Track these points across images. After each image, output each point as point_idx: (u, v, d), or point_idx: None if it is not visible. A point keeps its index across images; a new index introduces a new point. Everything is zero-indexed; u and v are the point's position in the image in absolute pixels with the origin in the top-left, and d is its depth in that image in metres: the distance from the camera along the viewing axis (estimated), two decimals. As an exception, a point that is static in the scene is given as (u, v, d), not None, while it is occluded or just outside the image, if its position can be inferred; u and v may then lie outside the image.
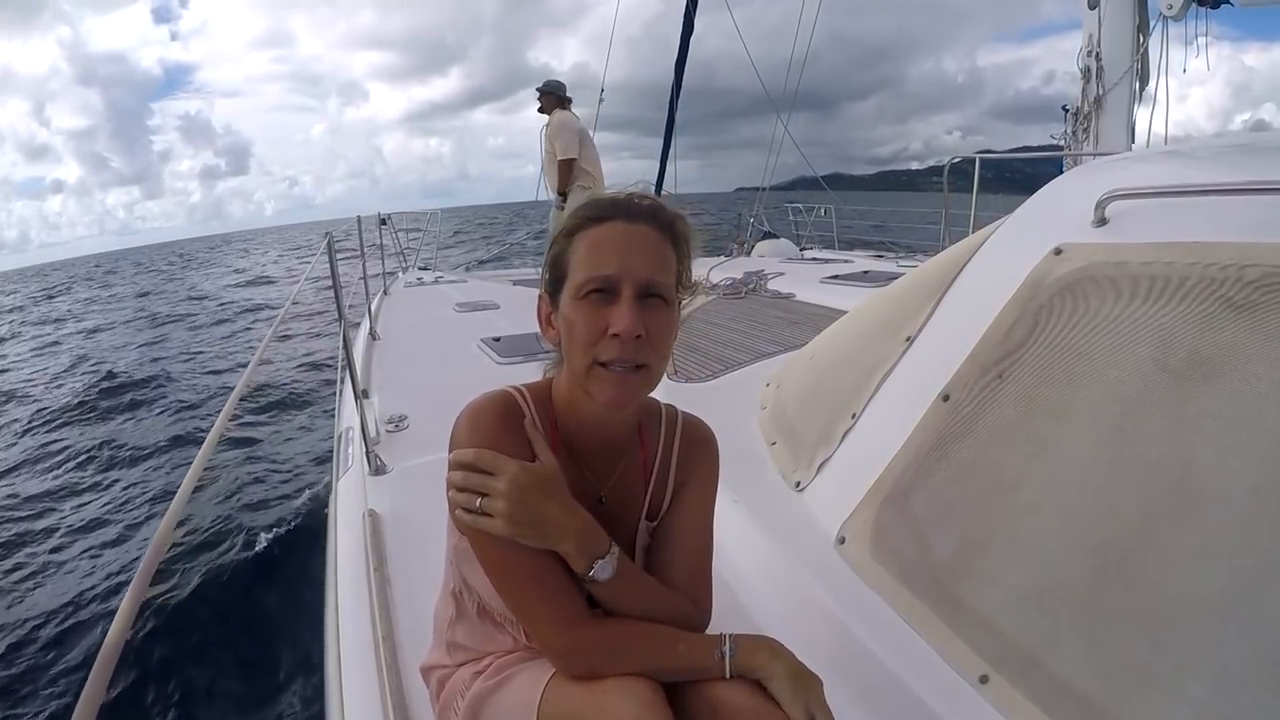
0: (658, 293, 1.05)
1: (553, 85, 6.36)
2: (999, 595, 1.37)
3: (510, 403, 1.14)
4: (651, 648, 1.08)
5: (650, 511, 1.25)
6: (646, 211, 1.08)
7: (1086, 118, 5.31)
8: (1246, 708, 1.02)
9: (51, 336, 15.56)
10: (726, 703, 1.05)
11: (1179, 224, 1.43)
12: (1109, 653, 1.17)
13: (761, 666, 1.05)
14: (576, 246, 1.07)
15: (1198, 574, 1.13)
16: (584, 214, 1.09)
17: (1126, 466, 1.29)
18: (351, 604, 1.84)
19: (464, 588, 1.22)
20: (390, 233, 8.60)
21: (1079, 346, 1.45)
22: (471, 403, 1.13)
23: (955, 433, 1.62)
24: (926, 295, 2.02)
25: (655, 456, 1.26)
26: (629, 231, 1.05)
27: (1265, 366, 1.16)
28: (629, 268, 1.03)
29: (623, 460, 1.22)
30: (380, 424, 3.03)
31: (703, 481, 1.28)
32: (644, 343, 1.03)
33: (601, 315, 1.03)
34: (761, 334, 4.36)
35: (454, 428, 1.11)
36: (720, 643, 1.07)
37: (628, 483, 1.23)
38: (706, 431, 1.31)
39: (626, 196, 1.09)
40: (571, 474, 1.16)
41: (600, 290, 1.03)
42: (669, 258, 1.08)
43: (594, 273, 1.03)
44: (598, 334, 1.03)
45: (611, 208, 1.07)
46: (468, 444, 1.08)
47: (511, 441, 1.09)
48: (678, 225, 1.11)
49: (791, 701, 1.02)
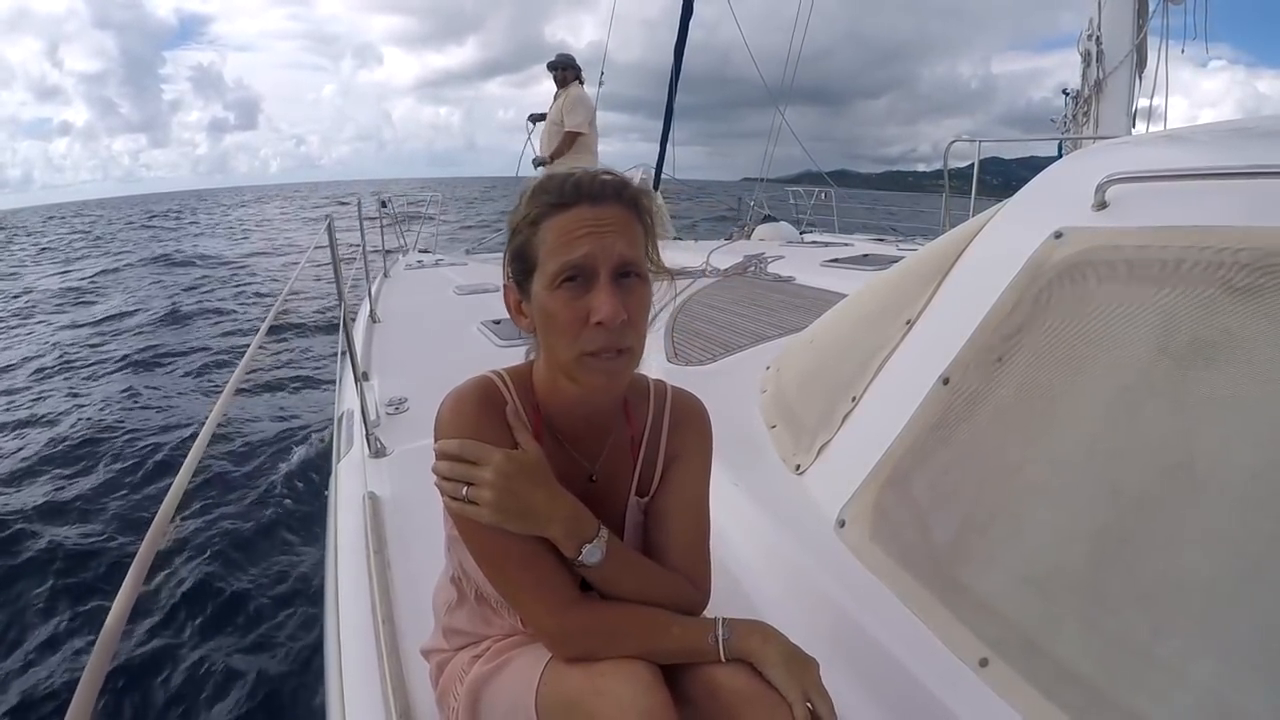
0: (633, 271, 1.04)
1: (570, 60, 6.35)
2: (999, 579, 1.37)
3: (491, 389, 1.14)
4: (644, 631, 1.08)
5: (640, 487, 1.25)
6: (611, 190, 1.06)
7: (1087, 101, 5.29)
8: (1247, 691, 1.03)
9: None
10: (724, 686, 1.05)
11: (1179, 208, 1.42)
12: (1109, 636, 1.18)
13: (755, 650, 1.06)
14: (543, 234, 1.05)
15: (1198, 557, 1.14)
16: (546, 200, 1.06)
17: (1127, 450, 1.29)
18: (351, 587, 1.85)
19: (462, 574, 1.23)
20: (391, 215, 8.58)
21: (1079, 330, 1.45)
22: (453, 390, 1.13)
23: (955, 416, 1.62)
24: (927, 279, 2.02)
25: (644, 431, 1.25)
26: (597, 214, 1.03)
27: (1266, 350, 1.16)
28: (603, 251, 1.01)
29: (609, 438, 1.22)
30: (380, 406, 3.03)
31: (694, 456, 1.27)
32: (627, 325, 1.02)
33: (580, 303, 1.02)
34: (762, 317, 4.35)
35: (437, 415, 1.11)
36: (714, 627, 1.08)
37: (617, 460, 1.23)
38: (697, 404, 1.31)
39: (588, 177, 1.07)
40: (558, 456, 1.16)
41: (575, 277, 1.02)
42: (638, 234, 1.07)
43: (566, 259, 1.02)
44: (579, 324, 1.02)
45: (575, 192, 1.05)
46: (450, 432, 1.08)
47: (493, 428, 1.09)
48: (642, 201, 1.10)
49: (787, 686, 1.03)
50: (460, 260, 8.58)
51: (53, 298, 15.54)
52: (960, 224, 2.26)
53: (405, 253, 8.82)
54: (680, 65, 8.98)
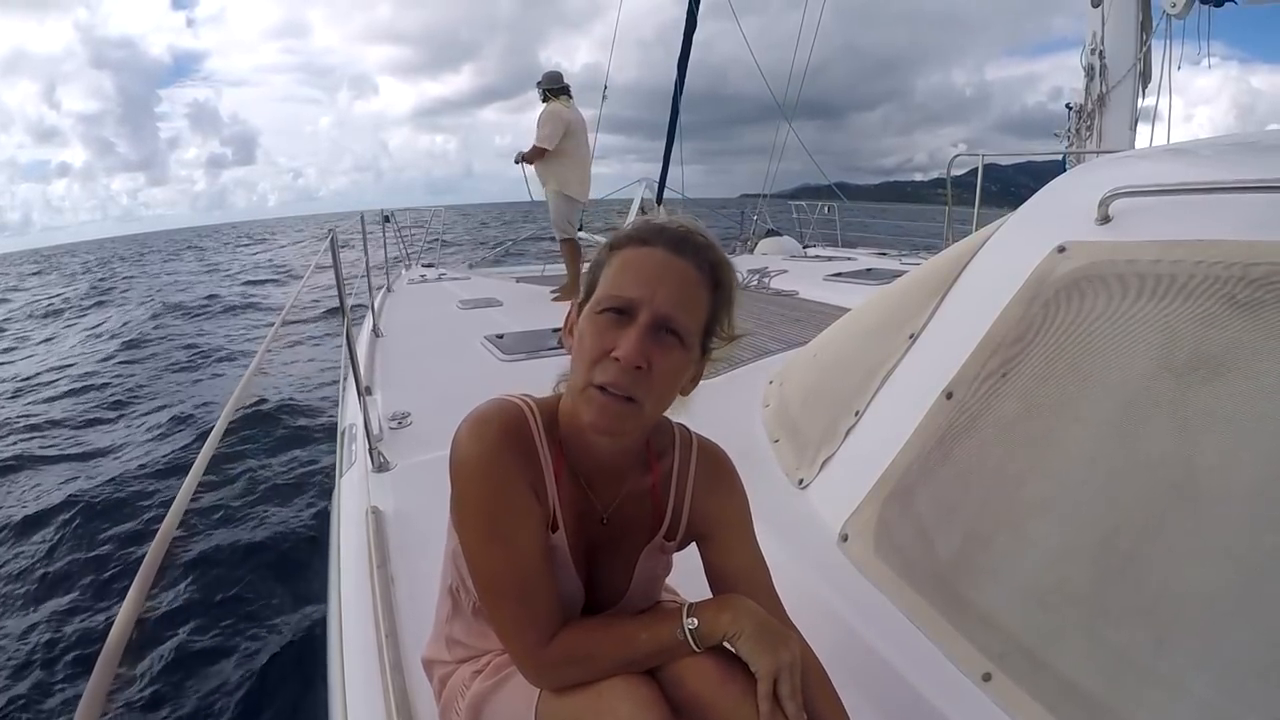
0: (675, 330, 1.00)
1: (552, 77, 6.36)
2: (1002, 593, 1.37)
3: (517, 416, 1.10)
4: (616, 647, 1.06)
5: (670, 531, 1.23)
6: (692, 247, 1.04)
7: (1090, 115, 5.30)
8: (1250, 705, 1.02)
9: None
10: (689, 681, 1.03)
11: (1183, 222, 1.42)
12: (1112, 651, 1.17)
13: (726, 629, 1.04)
14: (613, 262, 1.04)
15: (1201, 572, 1.13)
16: (633, 234, 1.06)
17: (1130, 464, 1.28)
18: (354, 601, 1.84)
19: (461, 586, 1.22)
20: (393, 230, 8.61)
21: (1082, 344, 1.45)
22: (474, 411, 1.10)
23: (958, 430, 1.62)
24: (930, 293, 2.02)
25: (670, 478, 1.22)
26: (667, 262, 1.02)
27: (1269, 364, 1.16)
28: (652, 296, 0.99)
29: (626, 484, 1.20)
30: (383, 421, 3.03)
31: (740, 511, 1.27)
32: (643, 376, 0.98)
33: (610, 336, 0.99)
34: (765, 331, 4.35)
35: (456, 434, 1.08)
36: (681, 620, 1.05)
37: (633, 506, 1.21)
38: (724, 455, 1.29)
39: (679, 227, 1.06)
40: (575, 495, 1.15)
41: (618, 310, 1.00)
42: (701, 300, 1.04)
43: (616, 291, 1.01)
44: (601, 353, 0.99)
45: (659, 234, 1.04)
46: (469, 454, 1.05)
47: (514, 457, 1.07)
48: (720, 271, 1.07)
49: (755, 659, 1.01)
50: (463, 275, 8.60)
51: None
52: (964, 238, 2.26)
53: (408, 267, 8.85)
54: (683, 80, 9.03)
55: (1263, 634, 1.05)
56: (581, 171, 6.50)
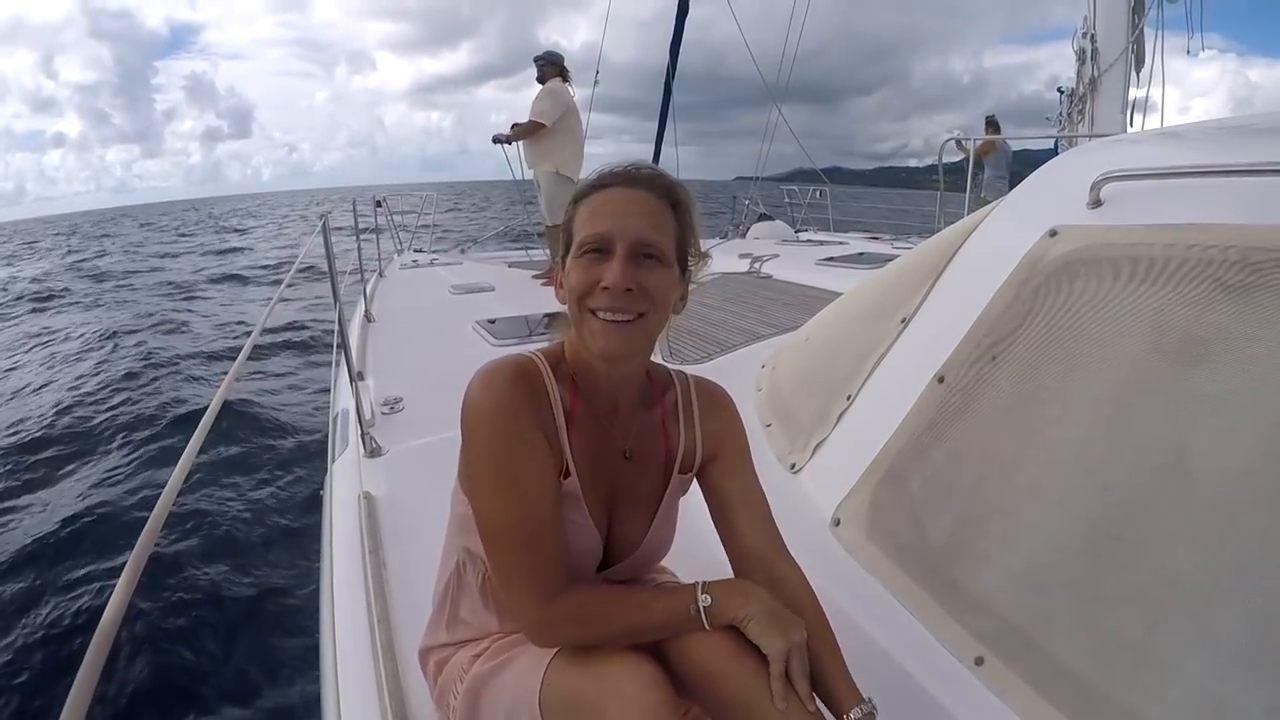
0: (652, 253, 1.08)
1: (552, 55, 6.31)
2: (994, 577, 1.37)
3: (527, 364, 1.16)
4: (628, 610, 1.09)
5: (684, 465, 1.28)
6: (644, 178, 1.13)
7: (1081, 99, 5.29)
8: (1241, 688, 1.03)
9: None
10: (700, 655, 1.06)
11: (1174, 205, 1.42)
12: (1104, 634, 1.18)
13: (737, 612, 1.06)
14: (579, 212, 1.12)
15: (1193, 555, 1.14)
16: (590, 182, 1.14)
17: (1121, 448, 1.29)
18: (346, 587, 1.84)
19: (468, 559, 1.23)
20: (385, 214, 8.56)
21: (1074, 328, 1.45)
22: (484, 366, 1.14)
23: (950, 414, 1.62)
24: (922, 277, 2.02)
25: (676, 410, 1.28)
26: (627, 195, 1.10)
27: (1259, 348, 1.17)
28: (622, 228, 1.07)
29: (639, 416, 1.25)
30: (375, 406, 3.02)
31: (738, 437, 1.32)
32: (637, 294, 1.06)
33: (595, 271, 1.07)
34: (756, 316, 4.35)
35: (467, 390, 1.11)
36: (695, 596, 1.08)
37: (648, 439, 1.26)
38: (720, 389, 1.36)
39: (629, 165, 1.15)
40: (592, 430, 1.19)
41: (596, 249, 1.07)
42: (666, 222, 1.11)
43: (590, 232, 1.08)
44: (590, 285, 1.07)
45: (612, 176, 1.13)
46: (478, 401, 1.09)
47: (524, 401, 1.11)
48: (676, 192, 1.14)
49: (767, 642, 1.03)
50: (455, 260, 8.56)
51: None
52: (955, 222, 2.26)
53: (400, 252, 8.80)
54: (675, 63, 8.98)
55: (1253, 616, 1.06)
56: (578, 150, 6.47)
